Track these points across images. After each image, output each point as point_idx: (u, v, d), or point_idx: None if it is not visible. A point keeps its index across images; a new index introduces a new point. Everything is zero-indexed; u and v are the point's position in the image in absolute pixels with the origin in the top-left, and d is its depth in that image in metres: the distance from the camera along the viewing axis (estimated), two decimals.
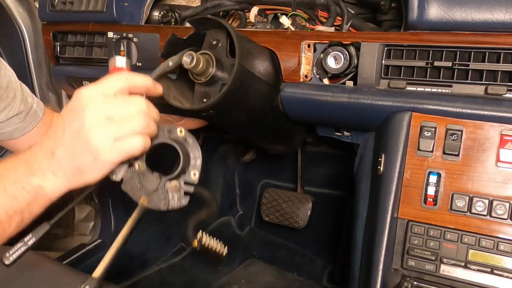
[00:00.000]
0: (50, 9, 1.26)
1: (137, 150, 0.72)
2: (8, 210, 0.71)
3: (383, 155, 0.91)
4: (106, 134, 0.70)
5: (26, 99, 1.06)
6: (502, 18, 0.79)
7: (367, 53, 0.90)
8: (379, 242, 0.88)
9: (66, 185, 0.74)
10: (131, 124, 0.71)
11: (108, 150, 0.70)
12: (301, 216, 1.60)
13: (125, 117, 0.71)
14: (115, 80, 0.72)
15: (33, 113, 1.07)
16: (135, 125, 0.71)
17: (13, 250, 0.73)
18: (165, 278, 1.75)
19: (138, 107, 0.72)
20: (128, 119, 0.71)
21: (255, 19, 1.15)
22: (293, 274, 1.83)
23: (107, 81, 0.72)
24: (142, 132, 0.72)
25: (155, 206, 0.80)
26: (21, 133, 1.07)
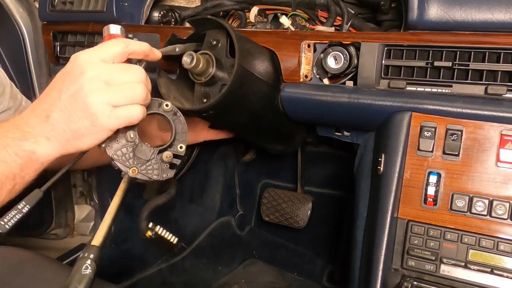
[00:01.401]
0: (50, 9, 1.26)
1: (135, 119, 0.72)
2: (1, 176, 0.70)
3: (383, 155, 0.91)
4: (105, 99, 0.69)
5: (15, 95, 1.06)
6: (502, 18, 0.79)
7: (367, 53, 0.90)
8: (379, 242, 0.88)
9: (59, 150, 0.73)
10: (131, 92, 0.71)
11: (107, 116, 0.69)
12: (301, 216, 1.60)
13: (125, 85, 0.70)
14: (114, 45, 0.71)
15: (22, 109, 1.07)
16: (135, 94, 0.71)
17: (7, 217, 0.71)
18: (165, 278, 1.75)
19: (138, 76, 0.72)
20: (128, 87, 0.70)
21: (255, 19, 1.15)
22: (293, 274, 1.83)
23: (105, 46, 0.71)
24: (140, 102, 0.72)
25: (146, 176, 0.79)
26: None
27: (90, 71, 0.69)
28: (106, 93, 0.69)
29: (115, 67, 0.71)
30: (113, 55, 0.71)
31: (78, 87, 0.69)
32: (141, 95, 0.71)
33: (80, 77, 0.69)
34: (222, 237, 1.96)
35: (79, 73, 0.69)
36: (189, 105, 0.96)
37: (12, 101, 1.05)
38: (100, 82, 0.69)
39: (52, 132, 0.71)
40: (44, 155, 0.72)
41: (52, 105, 0.71)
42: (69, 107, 0.70)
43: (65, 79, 0.71)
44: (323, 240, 1.83)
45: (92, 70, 0.69)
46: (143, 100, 0.72)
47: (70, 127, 0.71)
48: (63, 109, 0.70)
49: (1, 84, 1.03)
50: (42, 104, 0.72)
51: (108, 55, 0.70)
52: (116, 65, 0.71)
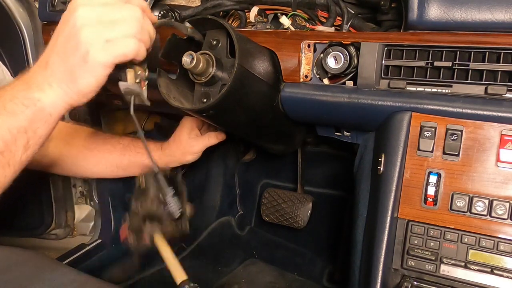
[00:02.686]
0: (50, 9, 1.26)
1: (129, 52, 0.71)
2: (11, 128, 0.70)
3: (383, 155, 0.91)
4: (96, 33, 0.69)
5: None
6: (502, 18, 0.79)
7: (367, 53, 0.90)
8: (379, 242, 0.88)
9: (64, 98, 0.73)
10: (123, 27, 0.70)
11: (98, 50, 0.69)
12: (301, 216, 1.60)
13: (118, 20, 0.70)
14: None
15: None
16: (127, 29, 0.71)
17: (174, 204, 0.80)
18: (165, 278, 1.75)
19: (132, 12, 0.72)
20: (121, 22, 0.70)
21: (255, 19, 1.15)
22: (293, 274, 1.83)
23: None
24: (135, 36, 0.72)
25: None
26: None
27: (83, 9, 0.69)
28: (97, 28, 0.69)
29: (109, 4, 0.71)
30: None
31: (71, 25, 0.69)
32: (134, 29, 0.71)
33: (73, 15, 0.69)
34: (222, 237, 1.96)
35: (72, 11, 0.70)
36: (189, 105, 0.96)
37: None
38: (93, 19, 0.69)
39: (52, 77, 0.72)
40: (49, 104, 0.72)
41: (50, 50, 0.73)
42: (63, 48, 0.71)
43: (61, 22, 0.72)
44: (323, 240, 1.83)
45: (85, 7, 0.69)
46: (138, 34, 0.72)
47: (65, 67, 0.71)
48: (59, 51, 0.71)
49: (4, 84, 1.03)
50: (44, 53, 0.74)
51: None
52: (110, 3, 0.71)
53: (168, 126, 1.61)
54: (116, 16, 0.70)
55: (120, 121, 1.57)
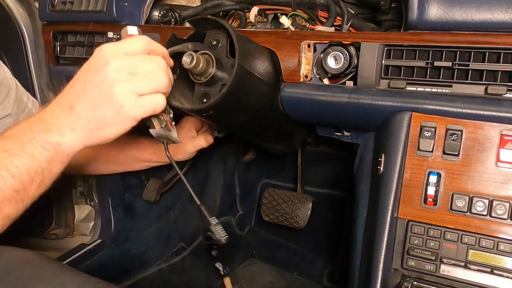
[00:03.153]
0: (50, 9, 1.26)
1: (158, 108, 0.74)
2: (29, 170, 0.71)
3: (383, 155, 0.91)
4: (130, 88, 0.71)
5: (20, 98, 1.04)
6: (502, 18, 0.79)
7: (367, 53, 0.90)
8: (379, 242, 0.88)
9: (84, 141, 0.74)
10: (154, 80, 0.73)
11: (132, 105, 0.71)
12: (301, 216, 1.60)
13: (148, 74, 0.73)
14: (137, 41, 0.74)
15: (28, 112, 1.05)
16: (158, 82, 0.73)
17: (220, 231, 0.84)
18: (165, 278, 1.75)
19: (160, 65, 0.74)
20: (150, 75, 0.73)
21: (255, 19, 1.15)
22: (293, 274, 1.83)
23: (128, 41, 0.74)
24: (163, 89, 0.74)
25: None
26: None
27: (115, 61, 0.71)
28: (130, 82, 0.71)
29: (138, 58, 0.73)
30: (136, 50, 0.73)
31: (103, 77, 0.71)
32: (164, 83, 0.74)
33: (105, 68, 0.71)
34: None
35: (103, 64, 0.71)
36: (189, 105, 0.96)
37: (17, 105, 1.03)
38: (125, 72, 0.71)
39: (77, 122, 0.73)
40: (69, 146, 0.74)
41: (76, 95, 0.73)
42: (94, 97, 0.71)
43: (89, 69, 0.73)
44: (323, 240, 1.83)
45: (117, 61, 0.71)
46: (166, 87, 0.75)
47: (94, 116, 0.72)
48: (88, 99, 0.72)
49: (6, 86, 1.01)
50: (66, 95, 0.74)
51: (131, 49, 0.73)
52: (138, 56, 0.73)
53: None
54: (146, 69, 0.73)
55: None
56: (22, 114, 1.05)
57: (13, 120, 1.02)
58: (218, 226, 0.89)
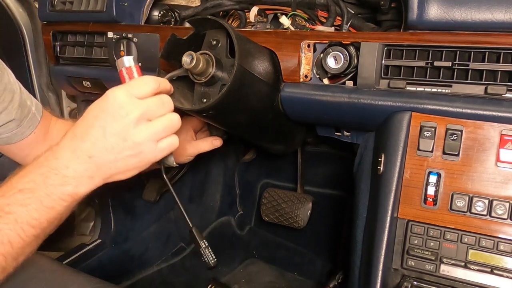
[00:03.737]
0: (50, 9, 1.26)
1: (174, 148, 0.78)
2: (49, 219, 0.73)
3: (383, 155, 0.91)
4: (151, 137, 0.74)
5: (24, 102, 1.03)
6: (502, 18, 0.79)
7: (367, 53, 0.90)
8: (379, 242, 0.88)
9: (99, 184, 0.77)
10: (170, 125, 0.77)
11: (153, 151, 0.75)
12: (301, 216, 1.60)
13: (164, 120, 0.76)
14: (146, 84, 0.76)
15: (31, 117, 1.05)
16: (173, 125, 0.77)
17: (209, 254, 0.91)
18: (165, 278, 1.75)
19: (170, 106, 0.78)
20: (166, 121, 0.76)
21: (255, 19, 1.15)
22: (293, 274, 1.83)
23: (138, 84, 0.76)
24: (177, 129, 0.78)
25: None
26: (19, 138, 1.04)
27: (134, 111, 0.73)
28: (150, 130, 0.74)
29: (152, 103, 0.75)
30: (147, 93, 0.76)
31: (125, 127, 0.73)
32: (178, 124, 0.78)
33: (126, 118, 0.73)
34: (222, 237, 1.96)
35: (123, 114, 0.72)
36: (189, 105, 0.96)
37: (20, 110, 1.02)
38: (144, 120, 0.74)
39: (97, 171, 0.74)
40: (85, 192, 0.75)
41: (96, 145, 0.73)
42: (116, 147, 0.73)
43: (107, 117, 0.73)
44: (323, 240, 1.83)
45: (136, 110, 0.73)
46: (178, 127, 0.78)
47: (116, 165, 0.75)
48: (110, 149, 0.73)
49: (10, 91, 1.00)
50: (82, 143, 0.74)
51: (142, 93, 0.75)
52: (152, 100, 0.75)
53: None
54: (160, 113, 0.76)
55: None
56: (25, 119, 1.04)
57: (16, 124, 1.02)
58: (207, 250, 0.92)
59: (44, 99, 1.45)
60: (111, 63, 1.20)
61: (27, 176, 0.73)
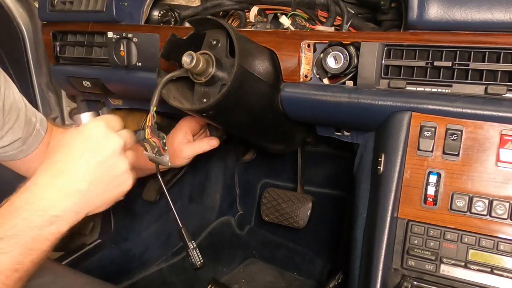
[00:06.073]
0: (50, 9, 1.26)
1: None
2: (33, 260, 0.71)
3: (383, 155, 0.91)
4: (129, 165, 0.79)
5: (29, 120, 1.02)
6: (502, 18, 0.79)
7: (367, 53, 0.90)
8: (379, 242, 0.88)
9: (82, 216, 0.76)
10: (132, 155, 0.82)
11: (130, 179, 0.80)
12: (301, 216, 1.60)
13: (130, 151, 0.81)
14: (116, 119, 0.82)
15: (36, 133, 1.05)
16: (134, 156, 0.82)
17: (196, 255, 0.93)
18: (165, 278, 1.75)
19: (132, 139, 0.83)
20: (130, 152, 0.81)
21: (255, 19, 1.15)
22: (293, 274, 1.83)
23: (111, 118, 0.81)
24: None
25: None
26: (24, 155, 1.05)
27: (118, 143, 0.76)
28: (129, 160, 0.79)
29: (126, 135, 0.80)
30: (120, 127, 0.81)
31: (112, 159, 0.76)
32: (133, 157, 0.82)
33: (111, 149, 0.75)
34: (222, 237, 1.96)
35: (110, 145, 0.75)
36: (189, 105, 0.96)
37: (26, 129, 1.01)
38: (123, 151, 0.78)
39: (84, 206, 0.74)
40: (68, 228, 0.74)
41: (85, 179, 0.74)
42: (106, 178, 0.75)
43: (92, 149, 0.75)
44: (323, 240, 1.83)
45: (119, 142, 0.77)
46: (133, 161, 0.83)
47: (102, 197, 0.76)
48: (99, 181, 0.75)
49: (15, 110, 0.99)
50: (68, 179, 0.73)
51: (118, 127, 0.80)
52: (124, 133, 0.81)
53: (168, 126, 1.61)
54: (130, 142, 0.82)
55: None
56: (30, 137, 1.03)
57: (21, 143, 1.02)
58: (195, 251, 0.93)
59: (44, 99, 1.45)
60: (111, 63, 1.20)
61: (6, 223, 0.69)
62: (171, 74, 0.92)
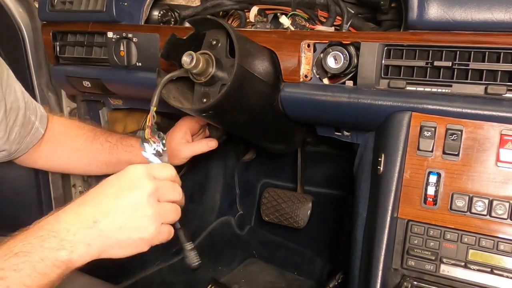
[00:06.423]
0: (50, 9, 1.26)
1: (169, 238, 0.79)
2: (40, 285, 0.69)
3: (383, 155, 0.91)
4: (158, 214, 0.75)
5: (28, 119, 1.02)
6: (502, 18, 0.79)
7: (367, 53, 0.90)
8: (379, 242, 0.88)
9: (94, 256, 0.72)
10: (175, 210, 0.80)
11: (155, 231, 0.75)
12: (301, 216, 1.60)
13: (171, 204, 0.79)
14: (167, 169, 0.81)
15: (34, 132, 1.04)
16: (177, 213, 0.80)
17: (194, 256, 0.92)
18: (165, 278, 1.75)
19: (180, 196, 0.81)
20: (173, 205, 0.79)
21: (255, 19, 1.15)
22: (293, 274, 1.84)
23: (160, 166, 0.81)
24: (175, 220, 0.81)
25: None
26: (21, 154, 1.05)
27: (149, 186, 0.74)
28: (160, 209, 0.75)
29: (166, 185, 0.78)
30: (165, 177, 0.79)
31: (137, 198, 0.73)
32: (179, 215, 0.81)
33: (140, 190, 0.73)
34: (222, 237, 1.96)
35: (139, 185, 0.73)
36: (189, 105, 0.96)
37: (23, 129, 1.01)
38: (155, 198, 0.75)
39: (96, 239, 0.71)
40: (78, 262, 0.71)
41: (104, 210, 0.72)
42: (125, 216, 0.72)
43: (121, 185, 0.74)
44: (323, 240, 1.83)
45: (151, 185, 0.74)
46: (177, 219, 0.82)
47: (118, 236, 0.72)
48: (116, 218, 0.72)
49: (15, 109, 0.98)
50: (90, 208, 0.72)
51: (161, 175, 0.78)
52: (166, 183, 0.79)
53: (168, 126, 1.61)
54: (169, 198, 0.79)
55: (120, 121, 1.57)
56: (28, 136, 1.03)
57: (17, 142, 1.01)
58: (192, 252, 0.93)
59: (44, 99, 1.45)
60: (111, 63, 1.20)
61: (25, 239, 0.69)
62: (171, 74, 0.92)
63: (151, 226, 0.74)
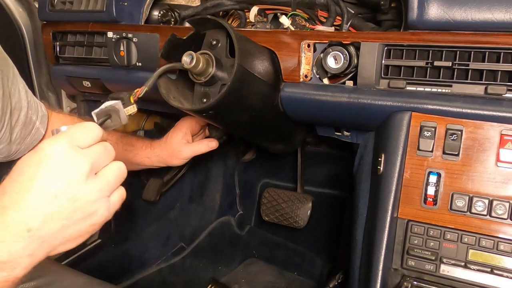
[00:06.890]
0: (50, 9, 1.26)
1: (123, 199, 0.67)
2: None
3: (383, 155, 0.91)
4: (103, 191, 0.63)
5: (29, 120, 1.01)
6: (502, 18, 0.79)
7: (367, 53, 0.90)
8: (379, 242, 0.88)
9: (41, 258, 0.62)
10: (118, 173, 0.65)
11: (107, 209, 0.64)
12: (301, 216, 1.60)
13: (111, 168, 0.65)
14: (91, 130, 0.64)
15: (35, 132, 1.03)
16: (122, 174, 0.66)
17: None
18: (165, 278, 1.75)
19: (113, 153, 0.66)
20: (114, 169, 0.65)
21: (255, 19, 1.15)
22: (293, 274, 1.83)
23: (81, 130, 0.63)
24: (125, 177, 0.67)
25: None
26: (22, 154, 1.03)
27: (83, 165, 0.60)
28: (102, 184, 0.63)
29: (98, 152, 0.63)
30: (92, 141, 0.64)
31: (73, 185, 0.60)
32: (125, 171, 0.67)
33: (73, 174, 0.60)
34: (222, 237, 1.96)
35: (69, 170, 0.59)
36: (189, 105, 0.96)
37: (24, 129, 0.99)
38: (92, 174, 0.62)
39: (38, 247, 0.60)
40: (25, 272, 0.61)
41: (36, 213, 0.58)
42: (65, 211, 0.60)
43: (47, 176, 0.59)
44: (323, 240, 1.83)
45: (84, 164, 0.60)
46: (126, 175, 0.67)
47: (65, 233, 0.61)
48: (56, 215, 0.59)
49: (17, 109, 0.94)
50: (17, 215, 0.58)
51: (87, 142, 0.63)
52: (97, 149, 0.63)
53: (168, 126, 1.61)
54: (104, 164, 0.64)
55: None
56: (28, 137, 1.02)
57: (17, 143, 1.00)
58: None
59: (44, 99, 1.45)
60: (111, 63, 1.20)
61: None
62: (172, 64, 0.89)
63: (100, 209, 0.62)
